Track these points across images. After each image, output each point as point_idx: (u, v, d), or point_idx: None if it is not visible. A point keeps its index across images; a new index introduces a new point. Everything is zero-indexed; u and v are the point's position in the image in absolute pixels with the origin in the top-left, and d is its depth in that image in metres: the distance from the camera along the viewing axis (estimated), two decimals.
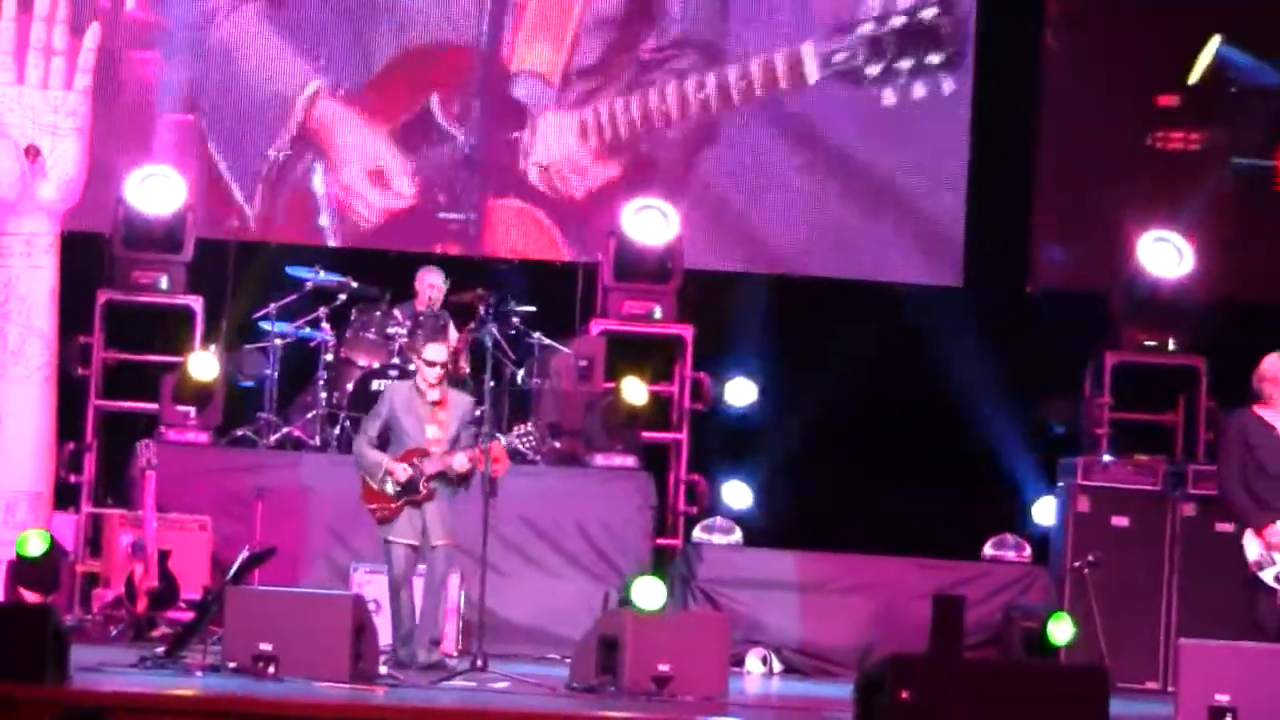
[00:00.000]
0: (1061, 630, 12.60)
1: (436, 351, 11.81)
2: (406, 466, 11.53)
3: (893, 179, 15.48)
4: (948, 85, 15.30)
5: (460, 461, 11.60)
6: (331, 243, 15.25)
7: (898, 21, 15.25)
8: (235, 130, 15.13)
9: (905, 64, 15.28)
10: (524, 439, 12.25)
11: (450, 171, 15.35)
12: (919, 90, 15.26)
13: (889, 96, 15.29)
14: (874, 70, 15.28)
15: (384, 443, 11.67)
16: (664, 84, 15.33)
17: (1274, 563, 11.25)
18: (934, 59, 15.28)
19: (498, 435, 12.04)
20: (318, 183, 15.25)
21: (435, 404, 11.67)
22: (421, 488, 11.54)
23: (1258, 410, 11.33)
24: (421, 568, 11.70)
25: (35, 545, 12.03)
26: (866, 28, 15.27)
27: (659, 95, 15.31)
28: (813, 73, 15.31)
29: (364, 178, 15.24)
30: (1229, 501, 11.42)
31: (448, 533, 11.59)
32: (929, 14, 15.27)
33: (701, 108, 15.35)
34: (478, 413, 12.15)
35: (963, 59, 15.33)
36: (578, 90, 15.38)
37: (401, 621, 11.59)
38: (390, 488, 11.56)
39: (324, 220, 15.25)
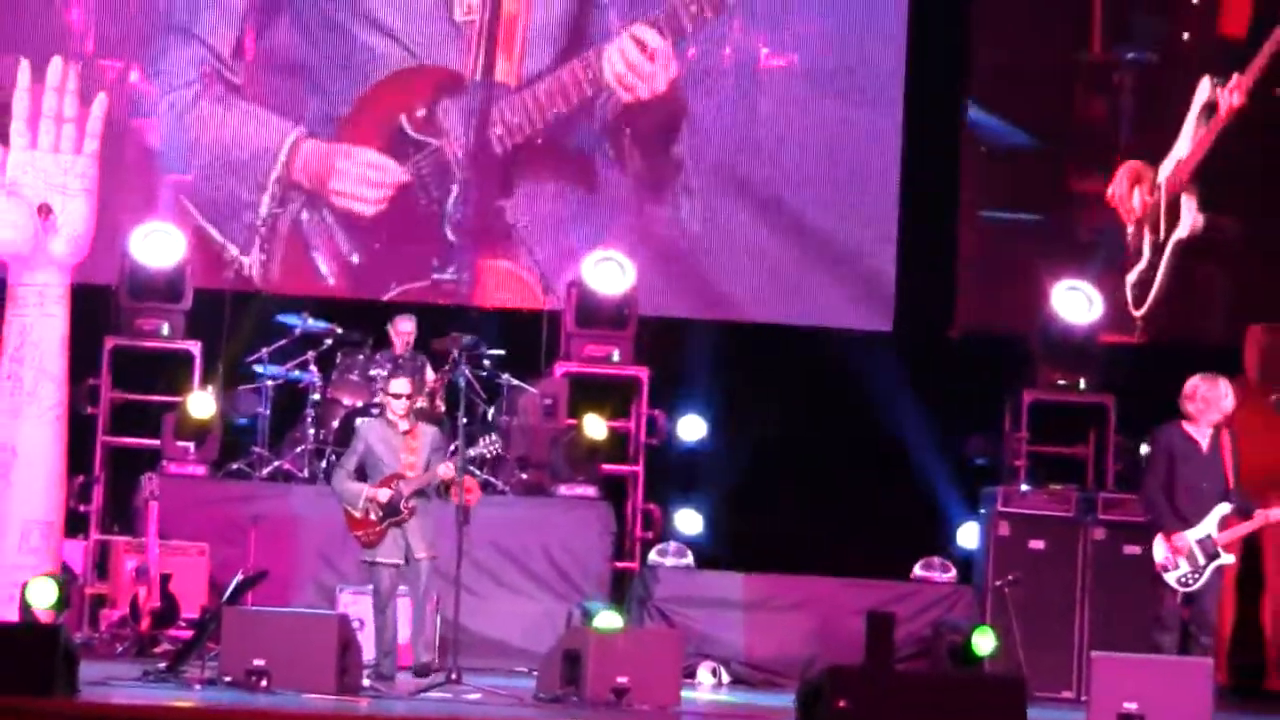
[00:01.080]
0: (984, 642, 12.62)
1: (401, 385, 11.84)
2: (386, 490, 11.51)
3: (832, 236, 15.51)
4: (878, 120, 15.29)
5: (445, 469, 11.61)
6: (330, 281, 15.25)
7: None
8: (226, 189, 15.08)
9: None
10: (491, 446, 12.17)
11: (430, 229, 15.36)
12: None
13: None
14: None
15: (361, 476, 11.65)
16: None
17: (1177, 566, 11.35)
18: None
19: (470, 449, 12.01)
20: (307, 228, 15.22)
21: (406, 433, 11.67)
22: (403, 508, 11.52)
23: (1185, 426, 11.43)
24: (402, 588, 11.68)
25: (41, 595, 11.91)
26: None
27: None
28: None
29: (348, 220, 15.24)
30: (1148, 505, 11.52)
31: (429, 545, 11.58)
32: None
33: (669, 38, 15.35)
34: (450, 445, 12.17)
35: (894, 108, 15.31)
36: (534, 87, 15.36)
37: (385, 638, 11.57)
38: (374, 513, 11.54)
39: (319, 265, 15.23)
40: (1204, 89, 15.53)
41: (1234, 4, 15.63)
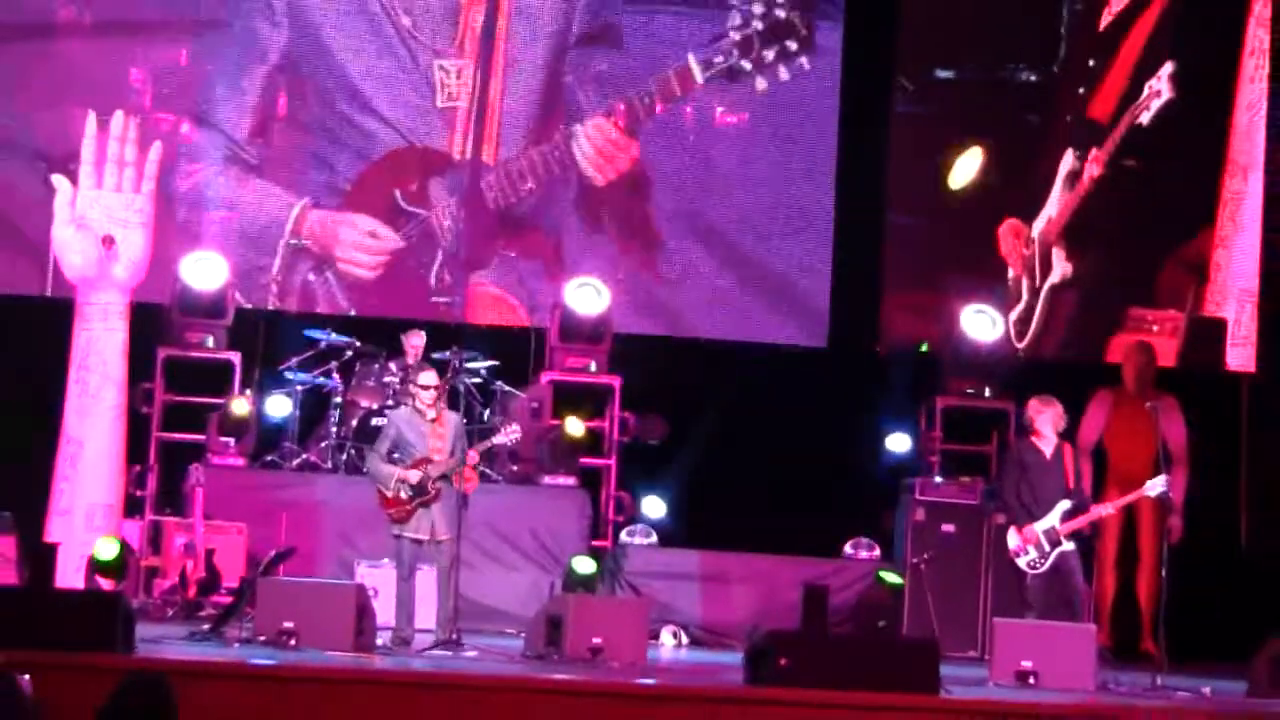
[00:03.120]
0: (892, 578, 12.79)
1: (429, 377, 11.67)
2: (417, 471, 11.35)
3: (776, 268, 15.51)
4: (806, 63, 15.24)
5: (473, 455, 11.51)
6: (347, 308, 15.19)
7: (758, 23, 15.23)
8: (244, 257, 14.96)
9: (769, 52, 15.25)
10: (512, 435, 12.05)
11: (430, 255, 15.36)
12: (784, 74, 15.21)
13: (761, 83, 15.22)
14: (747, 64, 15.26)
15: (392, 460, 11.49)
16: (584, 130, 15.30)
17: (1027, 553, 11.63)
18: (792, 45, 15.24)
19: (495, 438, 11.97)
20: (314, 287, 15.16)
21: (434, 421, 11.48)
22: (430, 488, 11.33)
23: (1032, 439, 11.74)
24: (423, 567, 11.55)
25: (106, 550, 12.02)
26: (734, 33, 15.25)
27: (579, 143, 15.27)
28: (698, 74, 15.27)
29: (348, 280, 15.21)
30: (1003, 503, 11.96)
31: (451, 527, 11.39)
32: (780, 10, 15.24)
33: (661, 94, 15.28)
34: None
35: (813, 37, 15.21)
36: (509, 164, 15.29)
37: (405, 604, 11.40)
38: (404, 493, 11.36)
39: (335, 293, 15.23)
40: (1068, 160, 15.65)
41: (1103, 93, 15.70)
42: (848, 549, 13.91)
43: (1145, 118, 15.67)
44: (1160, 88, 15.64)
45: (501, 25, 15.30)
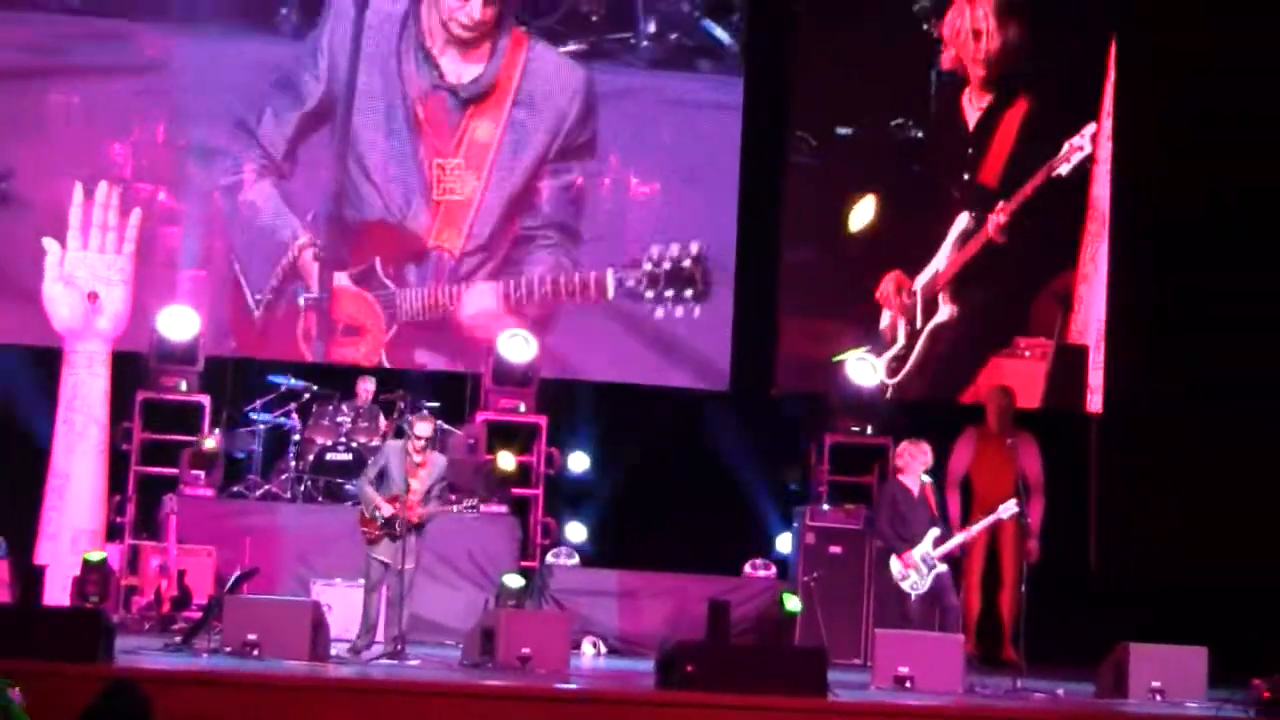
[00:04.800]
0: (792, 603, 12.78)
1: (424, 429, 11.49)
2: (390, 508, 11.23)
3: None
4: (698, 311, 15.32)
5: (436, 506, 11.39)
6: (307, 357, 15.07)
7: (667, 265, 15.32)
8: (251, 264, 15.01)
9: (669, 293, 15.33)
10: (469, 509, 11.83)
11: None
12: (678, 311, 15.31)
13: (659, 313, 15.34)
14: (649, 295, 15.34)
15: (379, 482, 11.42)
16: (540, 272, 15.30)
17: (908, 577, 11.69)
18: (688, 293, 15.35)
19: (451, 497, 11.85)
20: (300, 301, 15.12)
21: (419, 464, 11.38)
22: (397, 527, 11.23)
23: (900, 478, 11.86)
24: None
25: (95, 556, 12.00)
26: (647, 265, 15.34)
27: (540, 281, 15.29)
28: (610, 290, 15.34)
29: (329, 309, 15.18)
30: (880, 536, 12.05)
31: (413, 558, 11.33)
32: (687, 264, 15.32)
33: (565, 291, 15.33)
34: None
35: (709, 290, 15.32)
36: (474, 260, 15.32)
37: (368, 618, 11.34)
38: (378, 519, 11.29)
39: (298, 340, 15.12)
40: (962, 220, 15.77)
41: (990, 162, 15.84)
42: (747, 569, 13.91)
43: (1065, 169, 15.76)
44: (1083, 144, 15.76)
45: (497, 136, 15.35)
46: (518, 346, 14.39)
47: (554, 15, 15.57)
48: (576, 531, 14.78)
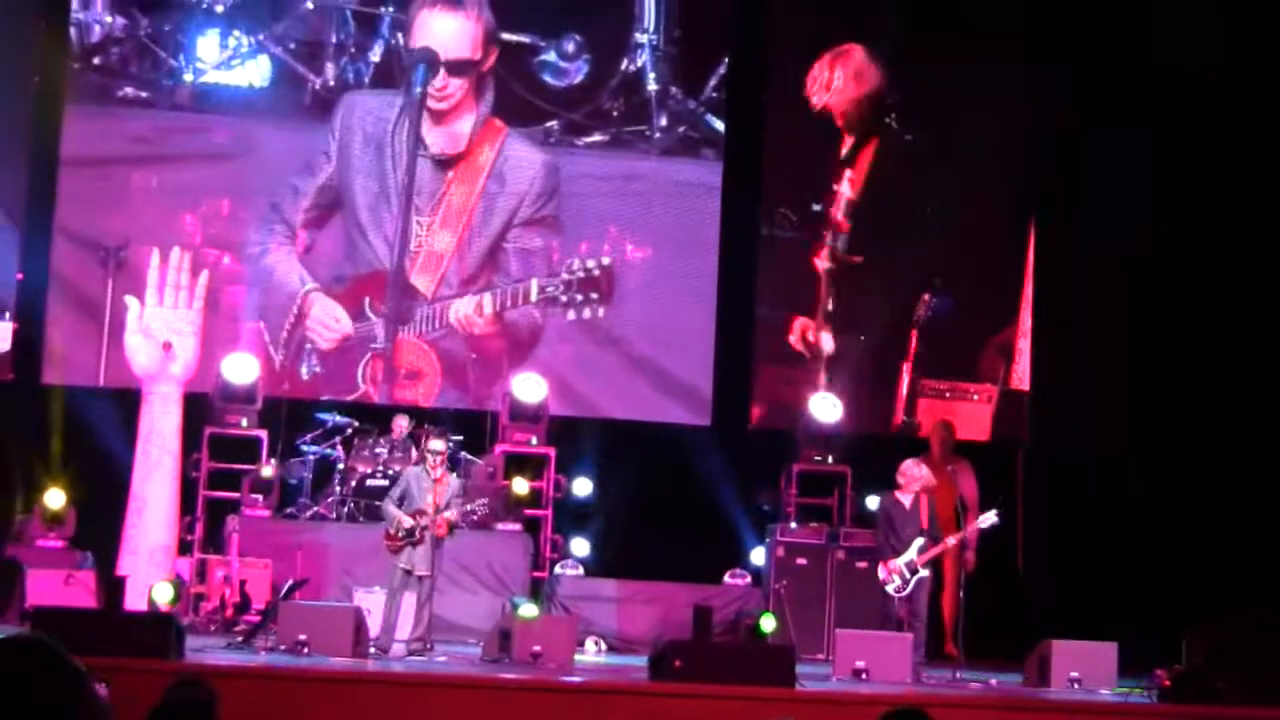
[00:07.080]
0: (767, 623, 12.72)
1: (437, 445, 11.59)
2: (410, 519, 11.31)
3: (676, 368, 15.48)
4: (602, 310, 15.23)
5: (451, 514, 11.38)
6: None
7: (580, 274, 15.28)
8: (270, 316, 15.01)
9: (579, 298, 15.26)
10: (481, 506, 12.07)
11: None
12: (586, 313, 15.23)
13: (570, 314, 15.25)
14: (564, 299, 15.27)
15: (401, 504, 11.47)
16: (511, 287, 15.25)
17: (892, 580, 11.60)
18: (594, 296, 15.29)
19: (469, 505, 11.82)
20: (306, 339, 15.10)
21: (436, 481, 11.42)
22: (418, 534, 11.29)
23: (896, 493, 11.76)
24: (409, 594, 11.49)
25: (162, 595, 11.80)
26: (564, 274, 15.28)
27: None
28: (534, 295, 15.29)
29: (313, 344, 15.13)
30: (876, 545, 11.80)
31: (430, 568, 11.36)
32: (596, 272, 15.29)
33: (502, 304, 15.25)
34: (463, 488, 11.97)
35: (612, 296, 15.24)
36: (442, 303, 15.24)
37: (389, 620, 11.37)
38: (400, 532, 11.34)
39: (300, 367, 15.07)
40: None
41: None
42: (727, 578, 13.87)
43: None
44: None
45: (471, 203, 15.35)
46: (530, 387, 14.39)
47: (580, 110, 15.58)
48: (580, 546, 14.73)
